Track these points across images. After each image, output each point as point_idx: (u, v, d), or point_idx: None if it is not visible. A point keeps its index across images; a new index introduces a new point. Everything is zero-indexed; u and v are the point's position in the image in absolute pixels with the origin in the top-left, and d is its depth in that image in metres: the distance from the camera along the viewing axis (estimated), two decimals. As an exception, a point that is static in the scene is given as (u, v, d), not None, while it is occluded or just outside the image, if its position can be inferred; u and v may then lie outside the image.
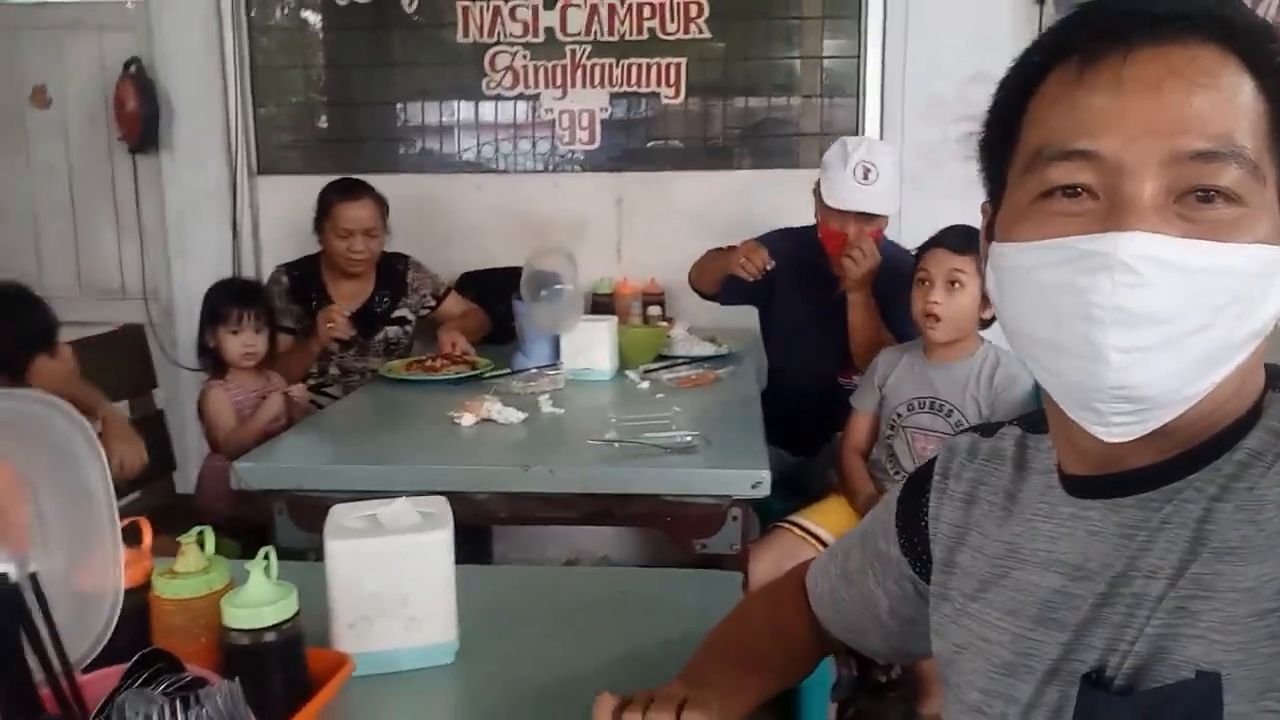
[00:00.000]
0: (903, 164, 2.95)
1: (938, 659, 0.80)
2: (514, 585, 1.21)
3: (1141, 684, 0.59)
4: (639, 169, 3.12)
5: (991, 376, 2.00)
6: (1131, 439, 0.61)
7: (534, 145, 3.15)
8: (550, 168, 3.16)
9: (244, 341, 2.34)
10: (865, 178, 2.33)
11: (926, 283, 2.00)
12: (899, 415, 2.10)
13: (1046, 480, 0.72)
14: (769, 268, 2.36)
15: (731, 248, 2.46)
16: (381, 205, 2.70)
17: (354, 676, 0.93)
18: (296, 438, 1.94)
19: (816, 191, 2.44)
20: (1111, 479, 0.65)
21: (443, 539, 1.00)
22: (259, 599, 0.86)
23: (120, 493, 2.26)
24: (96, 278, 3.32)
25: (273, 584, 0.88)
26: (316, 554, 1.84)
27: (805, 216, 3.05)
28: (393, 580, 0.98)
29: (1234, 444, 0.62)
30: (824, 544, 2.06)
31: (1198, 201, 0.57)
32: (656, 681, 0.95)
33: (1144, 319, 0.57)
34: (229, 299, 2.36)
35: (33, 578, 0.62)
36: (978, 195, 2.54)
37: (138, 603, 0.89)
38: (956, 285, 1.98)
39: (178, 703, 0.60)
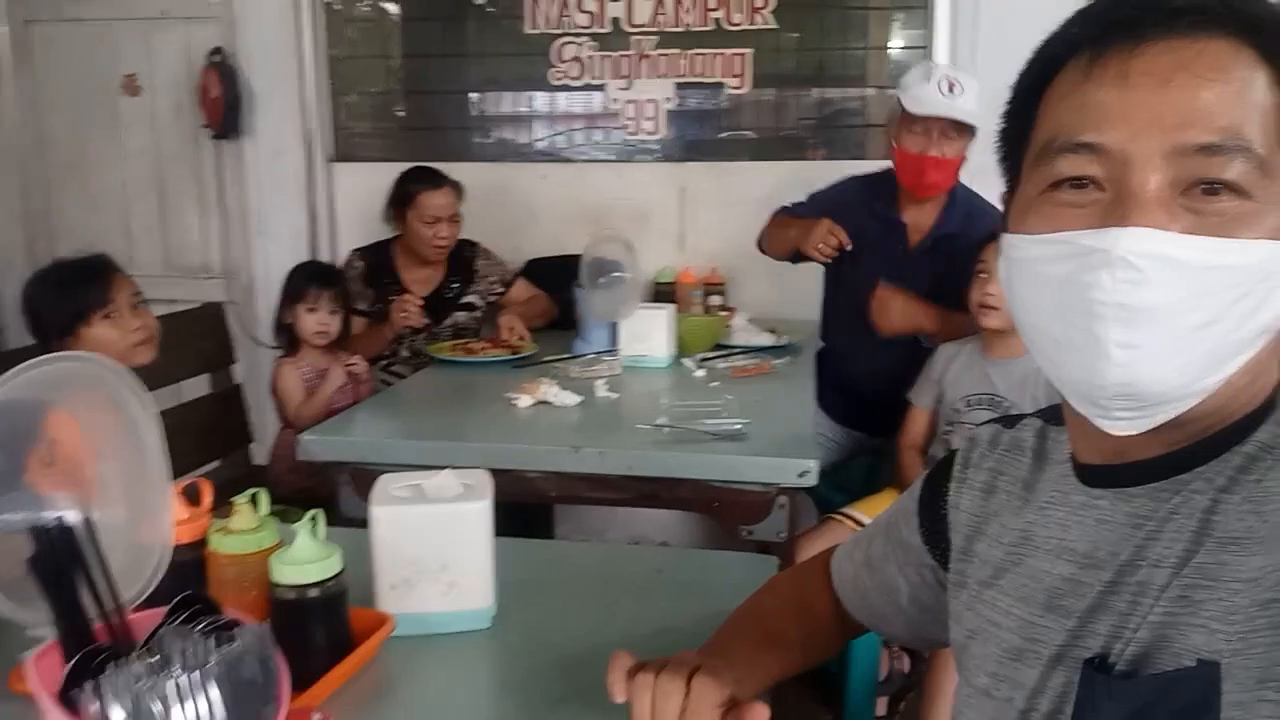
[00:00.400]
0: (973, 155, 2.93)
1: (953, 646, 0.81)
2: (553, 559, 1.25)
3: (1143, 670, 0.59)
4: (704, 159, 3.14)
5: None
6: (1137, 433, 0.61)
7: (600, 135, 3.20)
8: (616, 157, 3.20)
9: (319, 320, 2.42)
10: (950, 90, 2.23)
11: (984, 274, 1.98)
12: (957, 411, 2.08)
13: (1061, 470, 0.73)
14: (847, 247, 2.29)
15: (806, 223, 2.37)
16: (460, 193, 2.77)
17: (393, 636, 0.98)
18: (361, 413, 2.02)
19: (890, 122, 2.37)
20: (1122, 469, 0.66)
21: (482, 509, 1.04)
22: (305, 557, 0.92)
23: (192, 462, 2.37)
24: (182, 257, 3.48)
25: (319, 543, 0.94)
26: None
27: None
28: (433, 546, 1.03)
29: (1245, 437, 0.62)
30: (873, 535, 2.06)
31: (1204, 195, 0.57)
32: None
33: (1146, 315, 0.57)
34: (307, 278, 2.45)
35: (88, 523, 0.67)
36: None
37: (196, 557, 0.96)
38: None
39: (212, 639, 0.65)
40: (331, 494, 2.23)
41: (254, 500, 0.99)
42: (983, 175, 2.76)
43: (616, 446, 1.75)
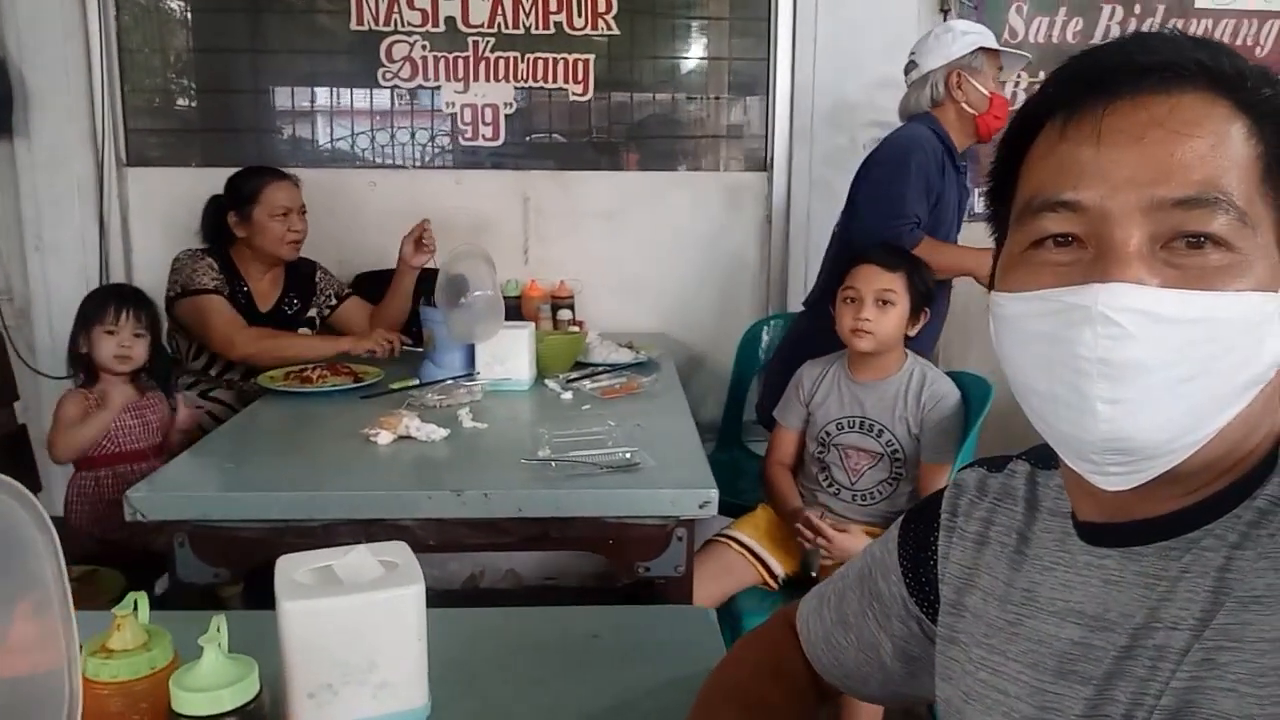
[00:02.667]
0: (811, 170, 2.98)
1: (941, 705, 0.77)
2: (476, 631, 1.11)
3: None
4: (547, 167, 3.02)
5: (919, 394, 2.00)
6: (1129, 488, 0.61)
7: (435, 140, 3.01)
8: (451, 164, 3.02)
9: (119, 343, 2.12)
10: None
11: (855, 300, 1.98)
12: (828, 433, 2.08)
13: (1059, 523, 0.70)
14: None
15: (977, 253, 2.25)
16: (300, 188, 2.56)
17: (320, 755, 0.82)
18: (195, 460, 1.77)
19: (967, 70, 2.34)
20: (1128, 527, 0.64)
21: (414, 595, 0.89)
22: (215, 679, 0.75)
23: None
24: (-62, 277, 2.99)
25: (229, 659, 0.77)
26: (220, 590, 1.70)
27: (715, 219, 3.04)
28: (360, 643, 0.87)
29: (1253, 490, 0.60)
30: (757, 557, 2.03)
31: (1187, 248, 0.57)
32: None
33: (1129, 370, 0.57)
34: (108, 296, 2.16)
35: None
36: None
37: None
38: (886, 304, 1.96)
39: None
40: (152, 548, 1.98)
41: (136, 608, 0.80)
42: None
43: (501, 486, 1.61)
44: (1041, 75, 2.89)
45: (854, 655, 0.88)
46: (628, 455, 1.68)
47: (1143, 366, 0.57)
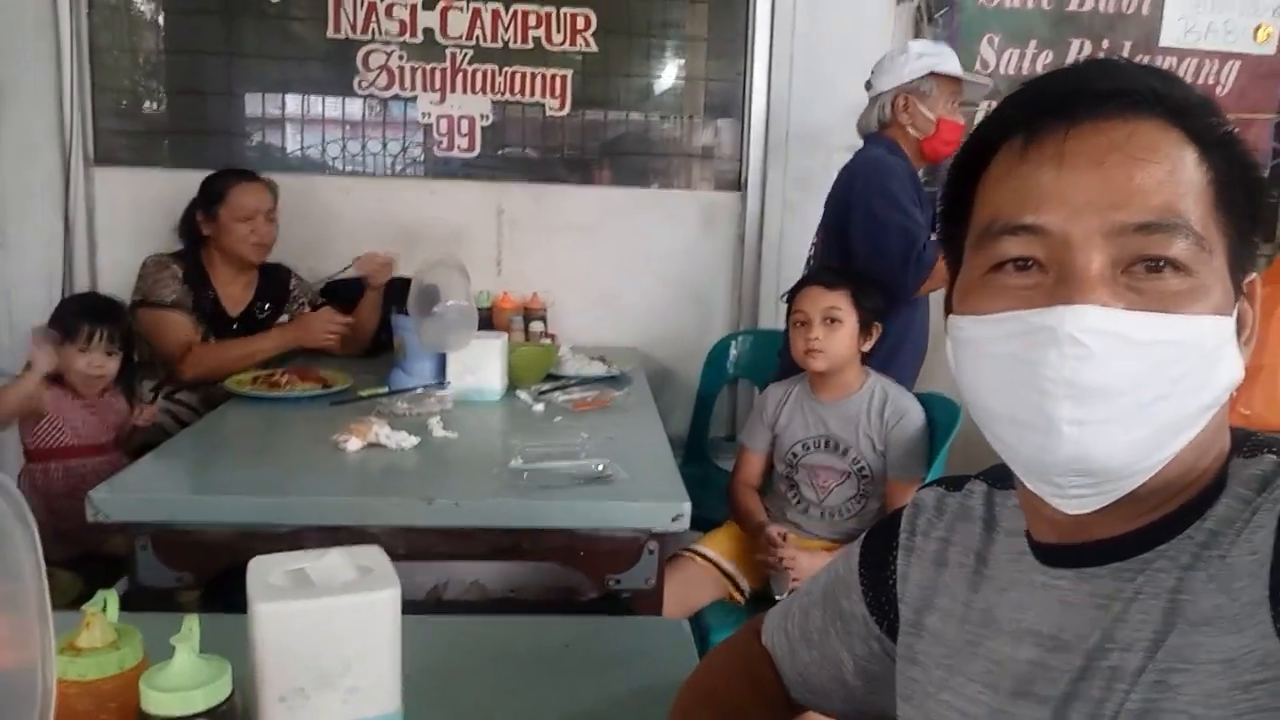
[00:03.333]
0: (784, 191, 3.01)
1: None
2: (449, 639, 1.10)
3: None
4: (522, 180, 3.02)
5: (882, 411, 2.02)
6: (1091, 511, 0.61)
7: (410, 149, 3.00)
8: (426, 173, 3.01)
9: (91, 362, 2.10)
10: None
11: (804, 323, 2.00)
12: (795, 454, 2.09)
13: (1016, 544, 0.71)
14: None
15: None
16: (274, 193, 2.54)
17: (289, 760, 0.81)
18: (160, 462, 1.74)
19: (907, 98, 2.33)
20: (1082, 549, 0.64)
21: (390, 598, 0.88)
22: (187, 680, 0.73)
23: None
24: (-105, 271, 2.91)
25: (202, 660, 0.75)
26: (182, 594, 1.67)
27: (688, 237, 3.06)
28: (334, 647, 0.85)
29: (1203, 511, 0.61)
30: (724, 571, 2.03)
31: (1146, 272, 0.58)
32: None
33: (1095, 392, 0.57)
34: (80, 313, 2.13)
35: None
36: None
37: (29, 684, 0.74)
38: (834, 321, 1.99)
39: None
40: (105, 545, 1.94)
41: (105, 605, 0.79)
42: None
43: (472, 496, 1.60)
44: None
45: (817, 672, 0.88)
46: (600, 467, 1.68)
47: (1108, 388, 0.57)
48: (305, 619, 0.85)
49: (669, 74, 3.09)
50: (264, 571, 0.90)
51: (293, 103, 2.98)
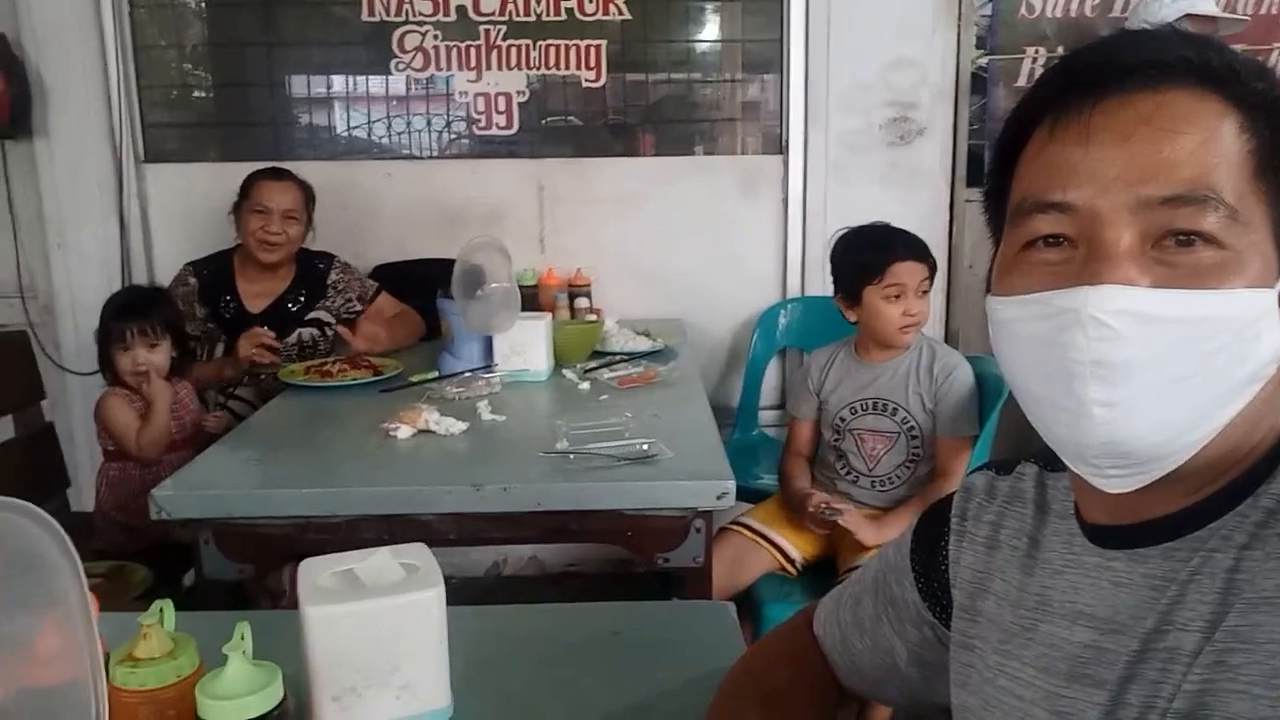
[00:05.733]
0: (827, 152, 2.96)
1: (955, 709, 0.77)
2: (498, 628, 1.12)
3: None
4: (561, 154, 3.01)
5: (931, 368, 2.00)
6: (1132, 490, 0.61)
7: (449, 130, 3.01)
8: (467, 153, 3.02)
9: (133, 360, 2.14)
10: None
11: (899, 296, 1.98)
12: (843, 419, 2.07)
13: (1068, 526, 0.70)
14: None
15: None
16: (305, 193, 2.55)
17: (345, 757, 0.83)
18: (218, 458, 1.79)
19: None
20: (1133, 529, 0.64)
21: (435, 598, 0.90)
22: (241, 687, 0.76)
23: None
24: (-35, 277, 3.02)
25: (254, 666, 0.78)
26: (246, 584, 1.73)
27: (731, 203, 3.03)
28: (383, 647, 0.88)
29: (1255, 488, 0.60)
30: (772, 543, 2.04)
31: (1177, 246, 0.57)
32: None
33: (1123, 371, 0.57)
34: (116, 313, 2.17)
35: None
36: (899, 183, 2.58)
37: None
38: (925, 293, 1.99)
39: None
40: (178, 540, 2.00)
41: (161, 615, 0.82)
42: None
43: (520, 480, 1.62)
44: (1060, 51, 2.86)
45: (870, 660, 0.88)
46: (645, 447, 1.69)
47: (1136, 367, 0.57)
48: (354, 620, 0.88)
49: (705, 37, 3.05)
50: (313, 574, 0.93)
51: (331, 88, 3.00)
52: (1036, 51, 2.93)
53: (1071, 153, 0.60)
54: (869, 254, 2.02)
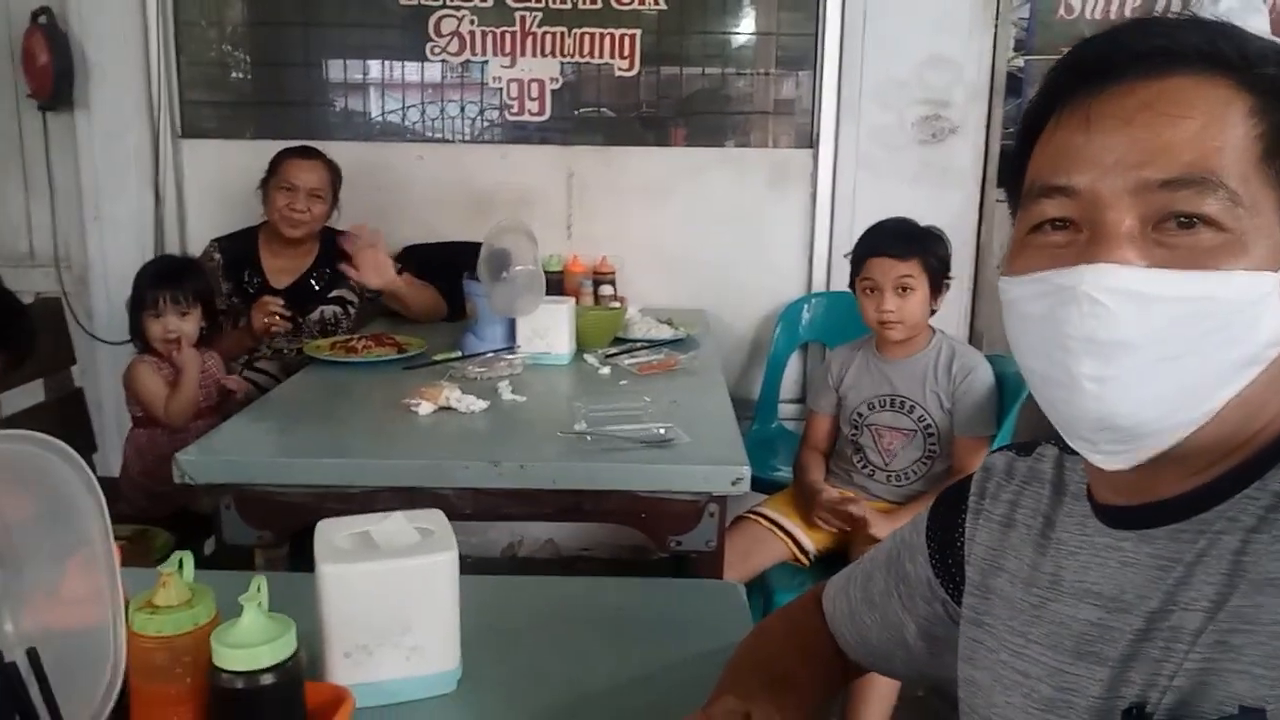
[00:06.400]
0: (858, 147, 2.95)
1: (961, 685, 0.78)
2: (509, 598, 1.14)
3: (1183, 719, 0.57)
4: (592, 142, 3.02)
5: (949, 367, 1.99)
6: (1128, 467, 0.62)
7: (481, 115, 3.03)
8: (498, 138, 3.04)
9: (164, 326, 2.18)
10: None
11: (874, 290, 1.97)
12: (860, 415, 2.08)
13: (1082, 507, 0.71)
14: None
15: None
16: (333, 172, 2.58)
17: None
18: (242, 426, 1.82)
19: None
20: (1143, 509, 0.65)
21: (447, 561, 0.92)
22: (254, 637, 0.78)
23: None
24: (2, 243, 3.08)
25: (268, 618, 0.80)
26: (264, 550, 1.76)
27: (759, 196, 3.03)
28: (395, 607, 0.90)
29: (1264, 472, 0.60)
30: (787, 533, 2.04)
31: (1178, 228, 0.58)
32: (667, 701, 0.92)
33: (1115, 348, 0.58)
34: (151, 279, 2.21)
35: (32, 654, 0.53)
36: (930, 181, 2.57)
37: (111, 639, 0.80)
38: (906, 290, 1.96)
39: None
40: (200, 507, 2.04)
41: (180, 565, 0.84)
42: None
43: (538, 458, 1.64)
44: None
45: (878, 634, 0.90)
46: (662, 431, 1.70)
47: (1128, 345, 0.58)
48: (367, 580, 0.90)
49: (740, 29, 3.04)
50: (330, 534, 0.95)
51: (367, 71, 3.03)
52: (1110, 26, 2.90)
53: (1075, 138, 0.62)
54: (858, 247, 2.02)
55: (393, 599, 0.90)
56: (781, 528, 2.04)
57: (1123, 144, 0.59)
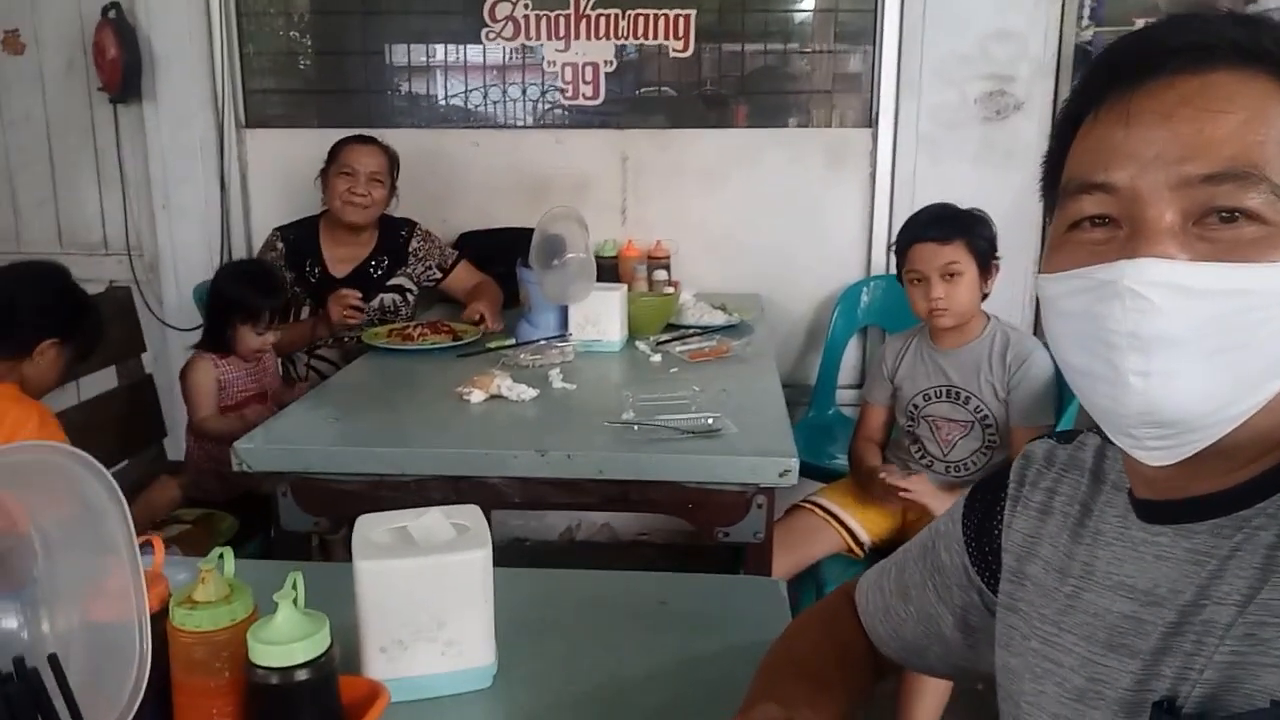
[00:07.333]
0: (918, 126, 2.88)
1: (999, 671, 0.78)
2: (544, 592, 1.15)
3: (1213, 712, 0.57)
4: (646, 125, 3.01)
5: (1003, 356, 1.94)
6: (1173, 463, 0.61)
7: (536, 100, 3.03)
8: (552, 123, 3.04)
9: (265, 341, 2.25)
10: None
11: (920, 280, 1.92)
12: (916, 406, 2.04)
13: (1121, 498, 0.71)
14: None
15: None
16: (391, 159, 2.61)
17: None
18: (300, 414, 1.86)
19: None
20: (1180, 504, 0.64)
21: (482, 558, 0.93)
22: (289, 634, 0.79)
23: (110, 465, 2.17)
24: (78, 233, 3.18)
25: (303, 615, 0.81)
26: (320, 536, 1.79)
27: (816, 177, 2.98)
28: (430, 603, 0.91)
29: None
30: (842, 524, 2.02)
31: (1220, 223, 0.58)
32: (705, 698, 0.91)
33: (1159, 343, 0.58)
34: (260, 294, 2.23)
35: (53, 660, 0.54)
36: (993, 160, 2.49)
37: (154, 632, 0.82)
38: (953, 275, 1.90)
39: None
40: (262, 492, 2.09)
41: (221, 561, 0.85)
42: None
43: (584, 448, 1.64)
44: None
45: (913, 627, 0.89)
46: (710, 421, 1.69)
47: (1172, 339, 0.58)
48: (403, 575, 0.91)
49: (797, 6, 2.99)
50: (369, 530, 0.97)
51: (424, 58, 3.05)
52: (1147, 24, 2.78)
53: (1114, 134, 0.61)
54: (899, 238, 1.97)
55: (428, 595, 0.91)
56: (836, 518, 2.02)
57: (1163, 139, 0.59)
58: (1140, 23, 2.79)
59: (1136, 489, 0.69)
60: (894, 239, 2.01)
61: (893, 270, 2.87)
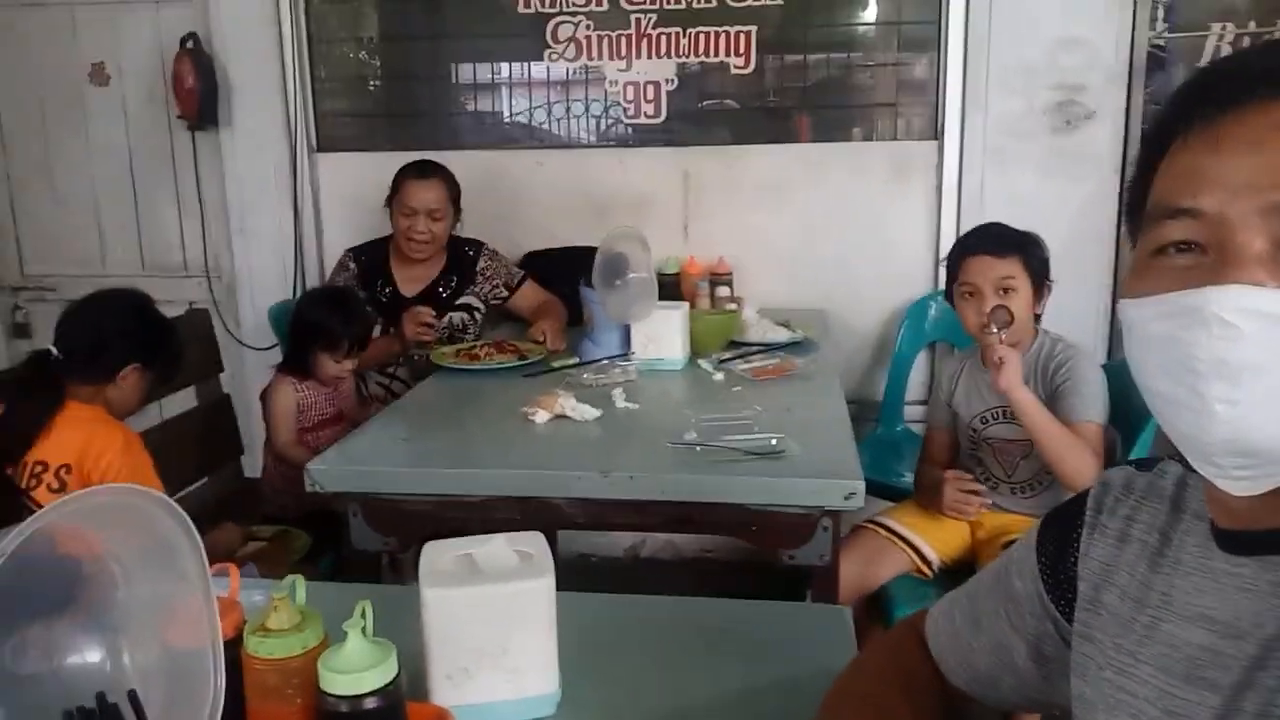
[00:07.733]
0: (985, 137, 2.84)
1: (1074, 701, 0.76)
2: (609, 617, 1.15)
3: None
4: (707, 143, 3.01)
5: (1047, 368, 1.89)
6: (1260, 493, 0.60)
7: (598, 119, 3.06)
8: (614, 142, 3.07)
9: (344, 368, 2.32)
10: None
11: (973, 294, 1.88)
12: (975, 430, 2.00)
13: (1201, 528, 0.69)
14: None
15: None
16: (452, 188, 2.66)
17: (454, 734, 0.88)
18: (371, 434, 1.90)
19: None
20: (1265, 536, 0.62)
21: (546, 586, 0.93)
22: (358, 662, 0.81)
23: (179, 481, 2.22)
24: (159, 257, 3.31)
25: (371, 644, 0.83)
26: (390, 555, 1.82)
27: (881, 190, 2.95)
28: (494, 630, 0.92)
29: None
30: (909, 544, 1.98)
31: None
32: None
33: (1246, 371, 0.57)
34: (341, 323, 2.29)
35: (132, 696, 0.56)
36: (1063, 171, 2.44)
37: (230, 658, 0.85)
38: (1008, 291, 1.86)
39: None
40: (335, 509, 2.14)
41: (293, 590, 0.88)
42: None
43: (647, 469, 1.64)
44: (1252, 27, 2.63)
45: (985, 658, 0.87)
46: (773, 442, 1.68)
47: (1260, 367, 0.56)
48: (467, 604, 0.92)
49: (860, 20, 2.97)
50: (435, 556, 0.98)
51: (488, 80, 3.10)
52: (1224, 28, 2.70)
53: (1202, 159, 0.60)
54: (952, 252, 1.93)
55: (492, 622, 0.92)
56: (903, 538, 1.98)
57: (1252, 166, 0.58)
58: (1216, 26, 2.72)
59: (1218, 519, 0.67)
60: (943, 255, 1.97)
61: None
